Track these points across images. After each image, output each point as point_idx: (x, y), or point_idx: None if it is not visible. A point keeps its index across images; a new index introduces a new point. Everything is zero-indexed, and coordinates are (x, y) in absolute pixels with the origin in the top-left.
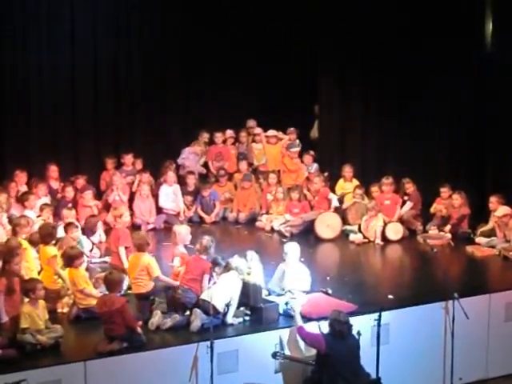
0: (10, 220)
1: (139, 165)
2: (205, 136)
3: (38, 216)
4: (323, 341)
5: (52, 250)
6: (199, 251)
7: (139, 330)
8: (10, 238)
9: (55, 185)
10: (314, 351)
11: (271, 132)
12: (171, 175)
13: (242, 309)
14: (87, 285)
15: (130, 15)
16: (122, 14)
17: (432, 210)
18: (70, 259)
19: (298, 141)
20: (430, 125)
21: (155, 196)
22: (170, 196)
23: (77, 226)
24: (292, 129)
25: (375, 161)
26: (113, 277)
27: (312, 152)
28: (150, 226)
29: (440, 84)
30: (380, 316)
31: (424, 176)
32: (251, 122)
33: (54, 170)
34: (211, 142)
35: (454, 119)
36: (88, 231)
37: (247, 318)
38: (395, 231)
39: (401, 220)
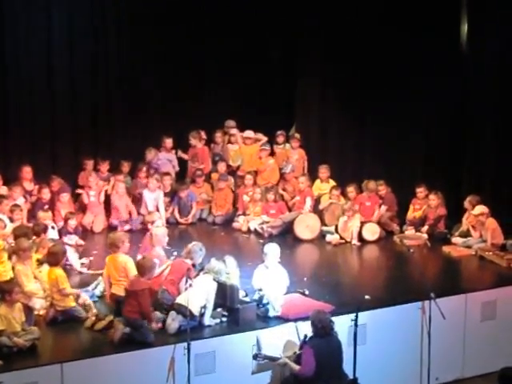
0: None
1: (126, 168)
2: (167, 141)
3: (10, 218)
4: (313, 359)
5: None
6: (184, 256)
7: (153, 325)
8: None
9: (29, 186)
10: (292, 351)
11: (248, 133)
12: (154, 182)
13: (219, 310)
14: (67, 284)
15: (108, 16)
16: (99, 15)
17: (408, 216)
18: (56, 257)
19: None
20: (407, 125)
21: (131, 196)
22: (152, 202)
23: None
24: (279, 132)
25: (352, 161)
26: (144, 262)
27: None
28: (127, 227)
29: (417, 85)
30: (357, 316)
31: (401, 176)
32: (231, 123)
33: (27, 172)
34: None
35: (430, 120)
36: (64, 231)
37: (224, 319)
38: (372, 232)
39: (378, 223)
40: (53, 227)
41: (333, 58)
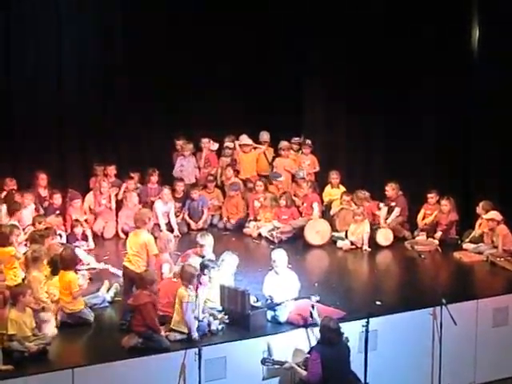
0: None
1: (136, 178)
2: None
3: (28, 226)
4: (319, 365)
5: None
6: (176, 276)
7: (162, 333)
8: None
9: (44, 193)
10: (301, 357)
11: (245, 141)
12: (167, 193)
13: (221, 315)
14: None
15: (117, 25)
16: (108, 25)
17: (419, 222)
18: (67, 262)
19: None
20: (416, 130)
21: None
22: (163, 214)
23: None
24: (296, 139)
25: (361, 167)
26: (145, 275)
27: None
28: None
29: (427, 88)
30: (368, 322)
31: (410, 183)
32: (264, 135)
33: (42, 178)
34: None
35: (438, 124)
36: (71, 238)
37: (225, 322)
38: (386, 237)
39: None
40: (60, 235)
41: (340, 60)
